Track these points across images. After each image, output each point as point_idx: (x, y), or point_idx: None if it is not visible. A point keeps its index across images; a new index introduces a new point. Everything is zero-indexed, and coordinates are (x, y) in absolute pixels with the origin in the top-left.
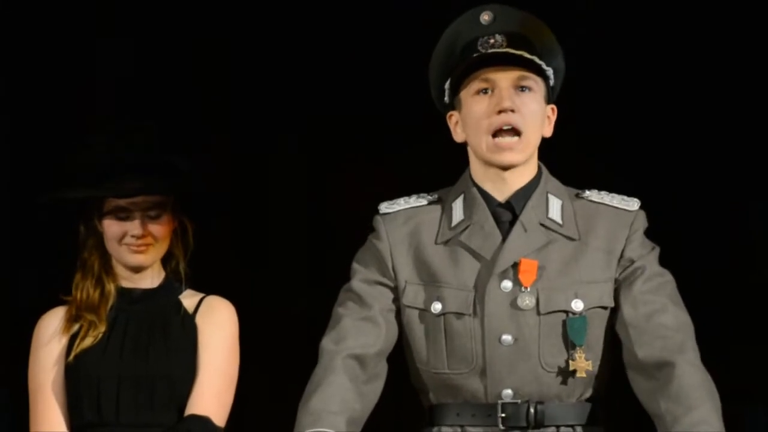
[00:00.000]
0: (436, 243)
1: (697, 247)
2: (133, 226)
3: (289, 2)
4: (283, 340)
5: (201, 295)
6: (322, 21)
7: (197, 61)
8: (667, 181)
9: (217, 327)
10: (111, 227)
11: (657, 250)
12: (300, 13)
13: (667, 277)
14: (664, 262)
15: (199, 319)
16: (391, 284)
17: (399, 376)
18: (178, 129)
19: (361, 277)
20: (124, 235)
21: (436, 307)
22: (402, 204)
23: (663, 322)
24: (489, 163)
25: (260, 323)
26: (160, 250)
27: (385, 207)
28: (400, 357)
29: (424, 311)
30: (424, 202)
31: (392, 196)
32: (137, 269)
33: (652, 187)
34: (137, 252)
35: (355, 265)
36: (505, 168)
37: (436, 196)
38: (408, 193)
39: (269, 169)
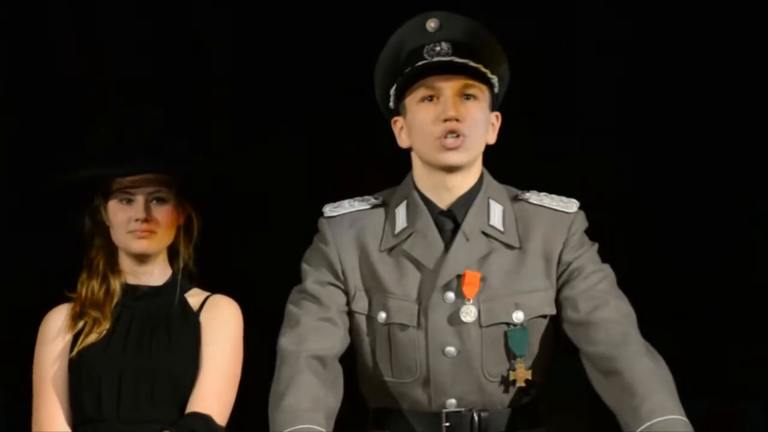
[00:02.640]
0: (380, 250)
1: (698, 247)
2: (137, 210)
3: (290, 2)
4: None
5: (207, 293)
6: (322, 20)
7: (197, 60)
8: (667, 181)
9: (222, 325)
10: (116, 214)
11: (595, 246)
12: (300, 12)
13: (607, 271)
14: (664, 261)
15: (204, 317)
16: (342, 287)
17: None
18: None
19: (314, 279)
20: (129, 221)
21: (381, 316)
22: (346, 207)
23: (604, 316)
24: (433, 166)
25: (261, 323)
26: (164, 238)
27: (329, 210)
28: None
29: (371, 318)
30: (367, 206)
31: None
32: (143, 260)
33: (652, 187)
34: (141, 237)
35: (305, 266)
36: (449, 170)
37: (380, 199)
38: None
39: (269, 169)
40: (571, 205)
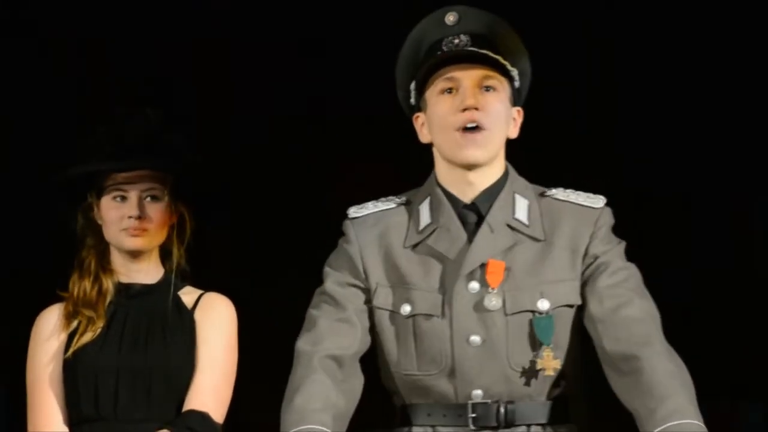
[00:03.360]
0: (404, 246)
1: (697, 247)
2: (131, 207)
3: (290, 1)
4: (280, 338)
5: (200, 291)
6: (322, 20)
7: (197, 60)
8: (666, 181)
9: (216, 323)
10: (109, 211)
11: (622, 244)
12: (300, 12)
13: (632, 271)
14: (664, 261)
15: (198, 315)
16: (363, 286)
17: (370, 375)
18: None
19: (334, 280)
20: (122, 218)
21: (406, 309)
22: (370, 208)
23: (629, 314)
24: (454, 162)
25: (258, 321)
26: (157, 236)
27: (353, 211)
28: (372, 357)
29: (394, 313)
30: (392, 205)
31: (392, 195)
32: (135, 257)
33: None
34: (134, 235)
35: (327, 269)
36: (470, 167)
37: (404, 198)
38: None
39: (269, 169)
40: (598, 200)
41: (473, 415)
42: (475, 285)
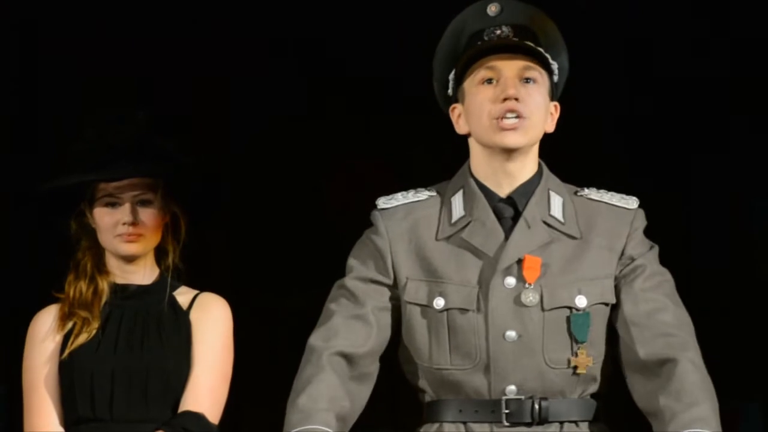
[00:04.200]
0: (436, 239)
1: (697, 247)
2: (124, 214)
3: (290, 1)
4: (278, 337)
5: (195, 291)
6: (322, 20)
7: (196, 58)
8: (666, 181)
9: (212, 323)
10: (103, 218)
11: (656, 248)
12: (300, 11)
13: (667, 276)
14: (664, 261)
15: (194, 316)
16: (388, 282)
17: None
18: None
19: (356, 275)
20: (116, 225)
21: (439, 302)
22: (400, 199)
23: (664, 319)
24: (492, 150)
25: (255, 320)
26: (152, 240)
27: (383, 202)
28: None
29: (426, 307)
30: (423, 197)
31: (391, 194)
32: (130, 260)
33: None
34: (129, 241)
35: (351, 261)
36: (508, 153)
37: (434, 191)
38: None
39: (268, 168)
40: (632, 201)
41: (507, 411)
42: (511, 280)
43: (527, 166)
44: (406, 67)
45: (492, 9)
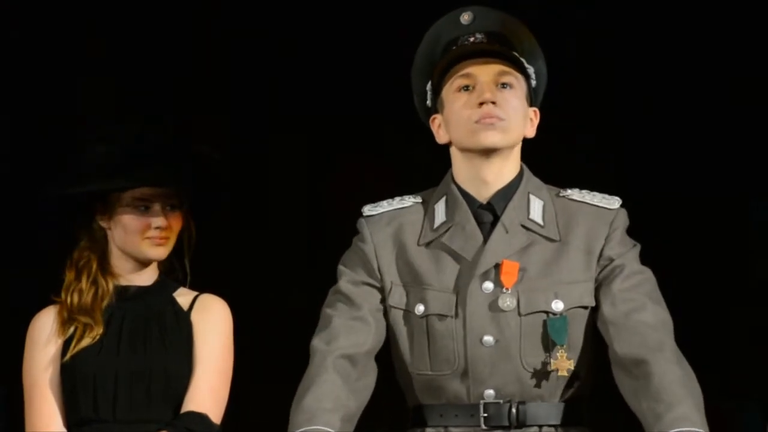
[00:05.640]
0: (418, 244)
1: (697, 247)
2: (156, 218)
3: (290, 1)
4: (277, 337)
5: (195, 293)
6: (322, 20)
7: (197, 60)
8: (666, 181)
9: (212, 324)
10: (132, 221)
11: (637, 247)
12: (300, 11)
13: (647, 275)
14: (664, 261)
15: (194, 317)
16: (378, 285)
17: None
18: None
19: (348, 279)
20: (146, 228)
21: (419, 308)
22: (385, 206)
23: (642, 319)
24: (471, 152)
25: (255, 320)
26: (173, 243)
27: (368, 210)
28: (387, 356)
29: (408, 312)
30: (407, 203)
31: (391, 195)
32: (147, 263)
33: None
34: (159, 245)
35: (341, 268)
36: (486, 155)
37: (419, 197)
38: (406, 193)
39: (268, 168)
40: (614, 202)
41: (485, 414)
42: (489, 285)
43: (506, 170)
44: (407, 67)
45: (465, 17)
